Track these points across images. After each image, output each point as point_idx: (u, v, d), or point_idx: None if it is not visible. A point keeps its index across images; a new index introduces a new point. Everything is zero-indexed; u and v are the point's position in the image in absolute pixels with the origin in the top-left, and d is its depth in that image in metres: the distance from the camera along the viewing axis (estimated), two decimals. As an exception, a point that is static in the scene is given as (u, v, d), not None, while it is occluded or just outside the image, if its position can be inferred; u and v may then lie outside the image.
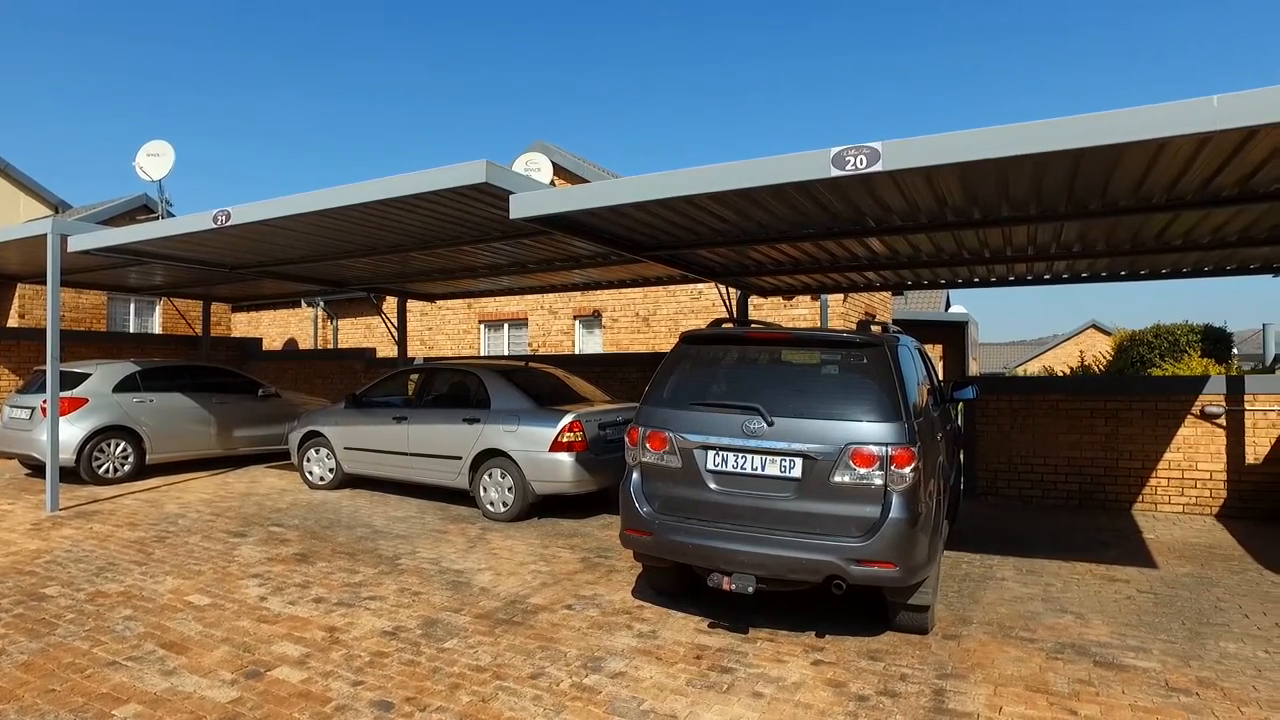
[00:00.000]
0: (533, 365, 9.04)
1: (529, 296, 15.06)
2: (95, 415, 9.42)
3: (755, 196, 5.09)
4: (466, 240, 7.73)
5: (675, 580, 5.04)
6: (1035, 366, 32.16)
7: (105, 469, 9.45)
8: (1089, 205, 5.26)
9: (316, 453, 9.21)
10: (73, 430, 9.14)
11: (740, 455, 4.45)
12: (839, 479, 4.20)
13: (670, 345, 5.11)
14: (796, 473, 4.30)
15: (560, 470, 7.31)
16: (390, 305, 15.74)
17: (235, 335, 19.38)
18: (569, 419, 7.38)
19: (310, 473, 9.25)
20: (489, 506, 7.65)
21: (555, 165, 15.01)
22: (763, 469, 4.38)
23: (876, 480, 4.13)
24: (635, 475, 4.80)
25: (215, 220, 6.76)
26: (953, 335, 20.41)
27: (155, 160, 13.34)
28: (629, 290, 13.78)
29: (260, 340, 17.65)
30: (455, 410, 8.16)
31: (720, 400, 4.63)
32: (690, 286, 13.24)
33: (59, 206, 18.19)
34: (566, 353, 15.23)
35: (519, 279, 10.53)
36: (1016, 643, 4.37)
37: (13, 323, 14.27)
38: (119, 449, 9.59)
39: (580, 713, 3.53)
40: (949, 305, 25.07)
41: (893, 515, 4.09)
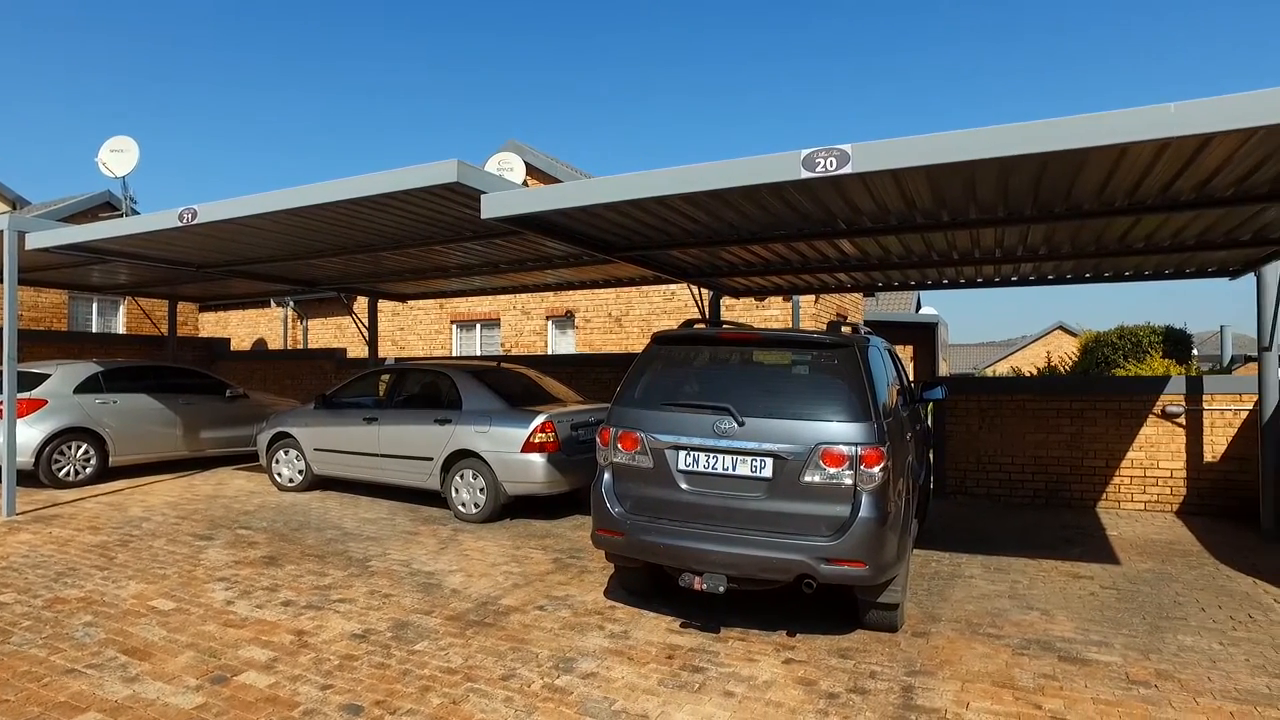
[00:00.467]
0: (505, 366, 9.00)
1: (501, 297, 15.00)
2: (55, 417, 9.20)
3: (727, 197, 5.11)
4: (438, 240, 7.68)
5: (647, 580, 5.04)
6: (1004, 367, 32.66)
7: (66, 472, 9.24)
8: (1054, 208, 5.35)
9: (285, 454, 9.09)
10: (31, 432, 8.92)
11: (711, 455, 4.46)
12: (809, 479, 4.23)
13: (643, 346, 5.12)
14: (767, 473, 4.33)
15: (532, 471, 7.28)
16: (361, 305, 15.58)
17: (202, 335, 19.07)
18: (541, 419, 7.36)
19: (279, 474, 9.12)
20: (461, 508, 7.60)
21: (528, 165, 14.96)
22: (734, 469, 4.40)
23: (846, 480, 4.17)
24: (607, 476, 4.80)
25: (181, 218, 6.65)
26: (923, 336, 20.66)
27: (119, 156, 13.07)
28: (602, 291, 13.80)
29: (228, 340, 17.40)
30: (427, 411, 8.10)
31: (691, 400, 4.65)
32: (663, 287, 13.27)
33: (16, 203, 17.77)
34: (539, 353, 15.20)
35: (491, 279, 10.48)
36: (984, 639, 4.43)
37: (-30, 322, 13.92)
38: (80, 451, 9.38)
39: (552, 714, 3.52)
40: (919, 307, 25.37)
41: (862, 514, 4.13)
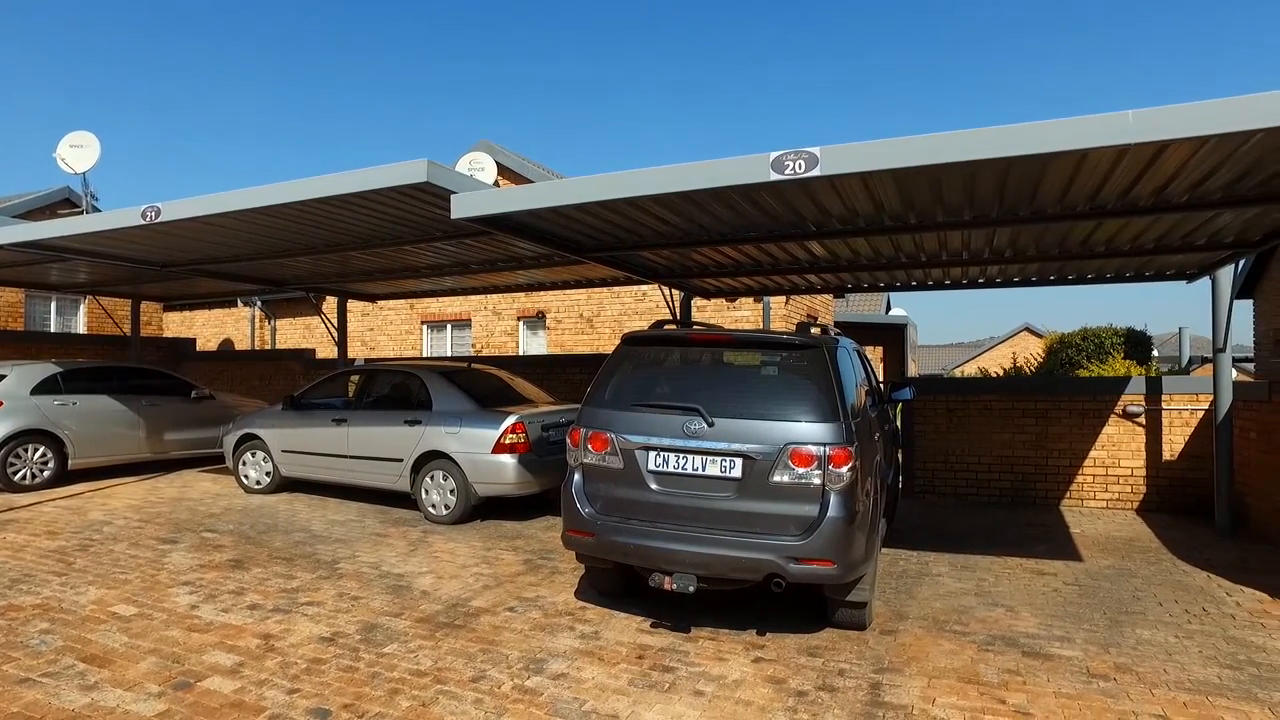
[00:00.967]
0: (475, 366, 8.95)
1: (472, 297, 14.93)
2: (10, 419, 8.98)
3: (697, 199, 5.14)
4: (408, 240, 7.62)
5: (618, 581, 5.05)
6: (972, 368, 33.16)
7: (22, 475, 9.01)
8: (1019, 212, 5.45)
9: (253, 456, 8.96)
10: (-14, 435, 8.71)
11: (681, 456, 4.48)
12: (778, 478, 4.26)
13: (615, 346, 5.13)
14: (737, 473, 4.36)
15: (503, 472, 7.26)
16: (330, 305, 15.40)
17: (167, 335, 18.72)
18: (511, 420, 7.34)
19: (246, 476, 8.99)
20: (431, 509, 7.55)
21: (500, 165, 14.90)
22: (703, 469, 4.43)
23: (815, 479, 4.21)
24: (577, 476, 4.80)
25: (144, 216, 6.53)
26: (892, 337, 20.90)
27: (78, 152, 12.78)
28: (574, 291, 13.79)
29: (194, 341, 17.10)
30: (396, 412, 8.04)
31: (661, 401, 4.66)
32: (635, 288, 13.29)
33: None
34: (511, 354, 15.14)
35: (462, 279, 10.42)
36: (950, 636, 4.50)
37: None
38: (37, 454, 9.16)
39: (522, 715, 3.51)
40: (889, 308, 25.68)
41: (831, 514, 4.17)
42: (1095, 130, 3.69)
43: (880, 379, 8.62)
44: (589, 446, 4.74)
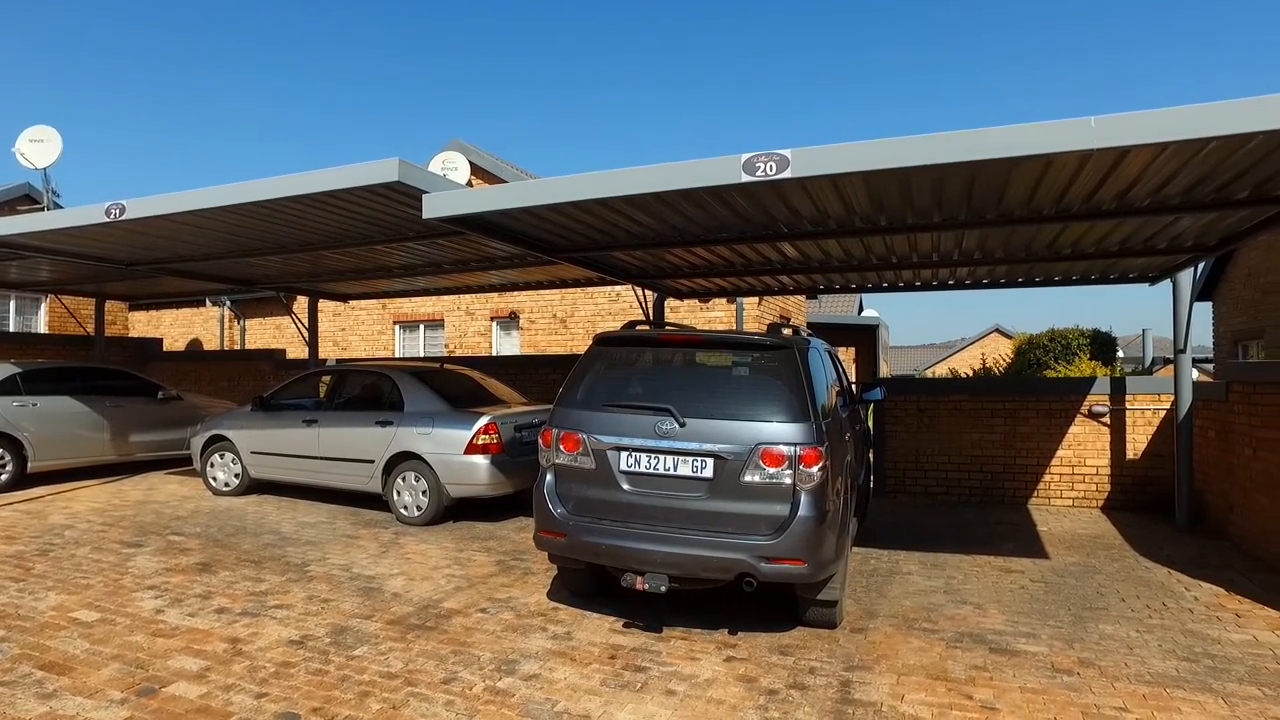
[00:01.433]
0: (448, 367, 8.91)
1: (445, 297, 14.83)
2: (-31, 421, 8.77)
3: (669, 200, 5.16)
4: (380, 240, 7.56)
5: (590, 581, 5.05)
6: (943, 369, 33.53)
7: (-19, 478, 8.81)
8: (986, 215, 5.54)
9: (221, 457, 8.84)
10: (-59, 438, 8.50)
11: (653, 456, 4.49)
12: (749, 478, 4.29)
13: (587, 347, 5.14)
14: (708, 473, 4.37)
15: (475, 473, 7.22)
16: (301, 305, 15.21)
17: (133, 335, 18.38)
18: (484, 421, 7.31)
19: (214, 478, 8.86)
20: (403, 510, 7.50)
21: (473, 165, 14.82)
22: (675, 469, 4.44)
23: (785, 479, 4.24)
24: (549, 477, 4.79)
25: (108, 213, 6.42)
26: (864, 338, 21.08)
27: (39, 147, 12.49)
28: (546, 292, 13.75)
29: (160, 341, 16.80)
30: (368, 413, 7.97)
31: (633, 401, 4.67)
32: (608, 289, 13.29)
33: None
34: (484, 354, 15.06)
35: (435, 280, 10.36)
36: (919, 634, 4.55)
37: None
38: (-3, 457, 8.95)
39: (493, 716, 3.50)
40: (862, 309, 25.91)
41: (801, 513, 4.20)
42: (1059, 135, 3.77)
43: (852, 379, 8.70)
44: (561, 447, 4.74)
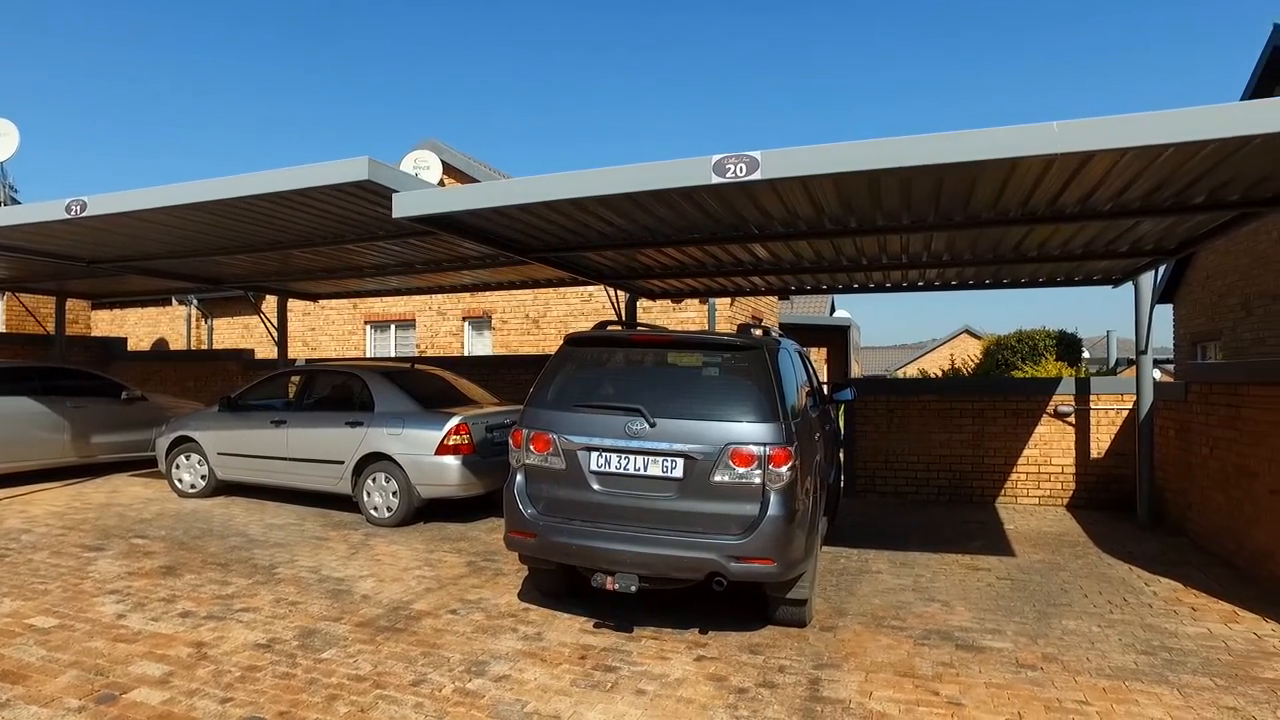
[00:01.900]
0: (419, 367, 8.84)
1: (417, 297, 14.72)
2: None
3: (640, 201, 5.17)
4: (350, 239, 7.49)
5: (561, 582, 5.04)
6: (913, 369, 33.93)
7: (-64, 481, 8.58)
8: (954, 217, 5.61)
9: (187, 459, 8.69)
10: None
11: (623, 456, 4.50)
12: (719, 478, 4.31)
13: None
14: (678, 473, 4.39)
15: (446, 473, 7.18)
16: (270, 305, 14.99)
17: (96, 335, 18.00)
18: (455, 421, 7.27)
19: (180, 480, 8.71)
20: (373, 512, 7.43)
21: (445, 164, 14.74)
22: (645, 469, 4.45)
23: (755, 479, 4.26)
24: (519, 477, 4.78)
25: (69, 210, 6.29)
26: (836, 339, 21.27)
27: (-3, 141, 12.23)
28: (519, 292, 13.69)
29: (124, 340, 16.47)
30: (337, 413, 7.88)
31: (604, 402, 4.67)
32: (581, 289, 13.28)
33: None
34: (456, 354, 14.97)
35: (407, 279, 10.28)
36: (888, 631, 4.60)
37: None
38: (-49, 460, 8.73)
39: (463, 718, 3.48)
40: (833, 310, 26.14)
41: (771, 513, 4.23)
42: (1023, 140, 3.83)
43: (823, 380, 8.77)
44: (531, 447, 4.73)
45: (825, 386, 7.64)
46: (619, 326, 5.31)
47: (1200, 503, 6.67)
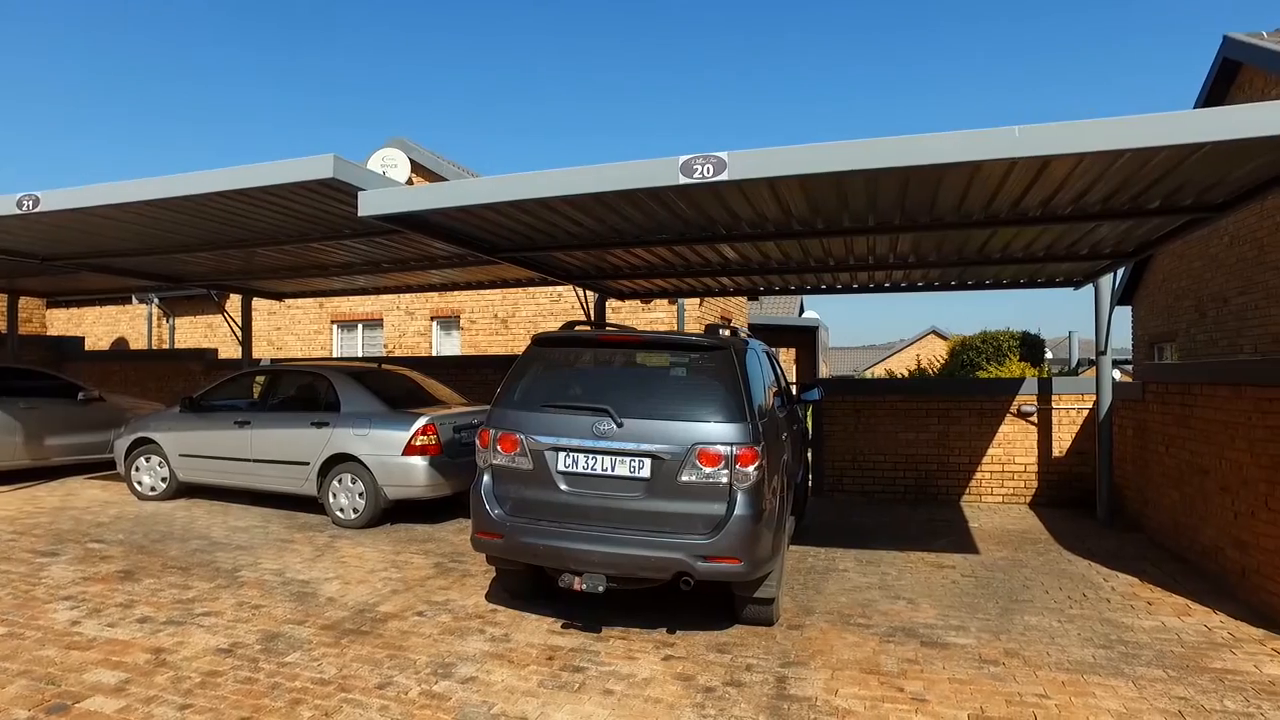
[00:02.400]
0: (386, 367, 8.75)
1: (384, 297, 14.58)
2: None
3: (608, 201, 5.17)
4: (316, 237, 7.40)
5: (528, 582, 5.02)
6: (880, 370, 34.31)
7: (-117, 485, 8.31)
8: (920, 219, 5.69)
9: (147, 461, 8.51)
10: None
11: (590, 456, 4.49)
12: (686, 478, 4.32)
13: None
14: (645, 473, 4.39)
15: (414, 474, 7.11)
16: (234, 303, 14.76)
17: (51, 334, 17.57)
18: (423, 422, 7.21)
19: (139, 482, 8.53)
20: (339, 513, 7.33)
21: (414, 162, 14.61)
22: (612, 469, 4.44)
23: (722, 479, 4.28)
24: (486, 478, 4.75)
25: (20, 205, 6.13)
26: (805, 339, 21.44)
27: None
28: (488, 292, 13.63)
29: (82, 340, 16.08)
30: (303, 414, 7.77)
31: (571, 402, 4.66)
32: (550, 289, 13.24)
33: None
34: (424, 354, 14.85)
35: (374, 279, 10.17)
36: (854, 629, 4.65)
37: None
38: (-102, 462, 8.45)
39: (427, 722, 3.46)
40: (802, 311, 26.33)
41: (738, 512, 4.25)
42: (985, 144, 3.89)
43: (792, 380, 8.84)
44: (498, 448, 4.70)
45: (793, 387, 7.69)
46: (587, 326, 5.30)
47: (1156, 500, 6.83)
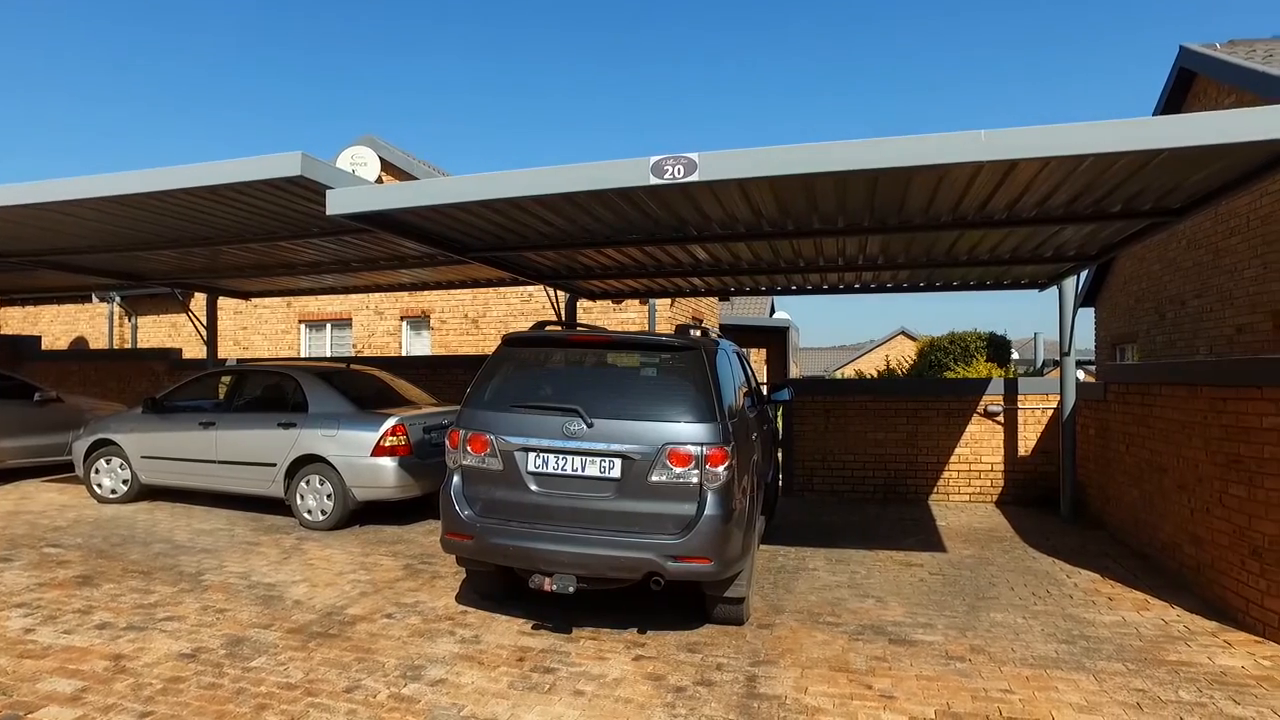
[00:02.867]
0: (354, 367, 8.66)
1: (354, 296, 14.42)
2: None
3: (579, 201, 5.16)
4: (284, 236, 7.29)
5: (499, 583, 4.99)
6: (850, 370, 34.65)
7: None
8: (888, 221, 5.76)
9: (108, 463, 8.33)
10: None
11: (560, 456, 4.48)
12: (656, 478, 4.32)
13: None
14: (616, 473, 4.39)
15: (382, 475, 7.04)
16: (199, 302, 14.50)
17: (6, 333, 17.12)
18: (392, 422, 7.14)
19: (99, 485, 8.34)
20: (307, 515, 7.24)
21: (384, 161, 14.47)
22: (583, 470, 4.44)
23: (692, 479, 4.29)
24: (456, 478, 4.72)
25: (-26, 201, 5.97)
26: (775, 340, 21.58)
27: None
28: (458, 291, 13.55)
29: (38, 339, 15.70)
30: (269, 414, 7.66)
31: (541, 402, 4.65)
32: (521, 289, 13.20)
33: None
34: (394, 354, 14.72)
35: (343, 278, 10.05)
36: (824, 628, 4.68)
37: None
38: None
39: (396, 725, 3.42)
40: (773, 312, 26.48)
41: (708, 512, 4.26)
42: (952, 147, 3.95)
43: (762, 380, 8.89)
44: (468, 448, 4.67)
45: (764, 387, 7.74)
46: (558, 327, 5.29)
47: (1117, 497, 6.98)
